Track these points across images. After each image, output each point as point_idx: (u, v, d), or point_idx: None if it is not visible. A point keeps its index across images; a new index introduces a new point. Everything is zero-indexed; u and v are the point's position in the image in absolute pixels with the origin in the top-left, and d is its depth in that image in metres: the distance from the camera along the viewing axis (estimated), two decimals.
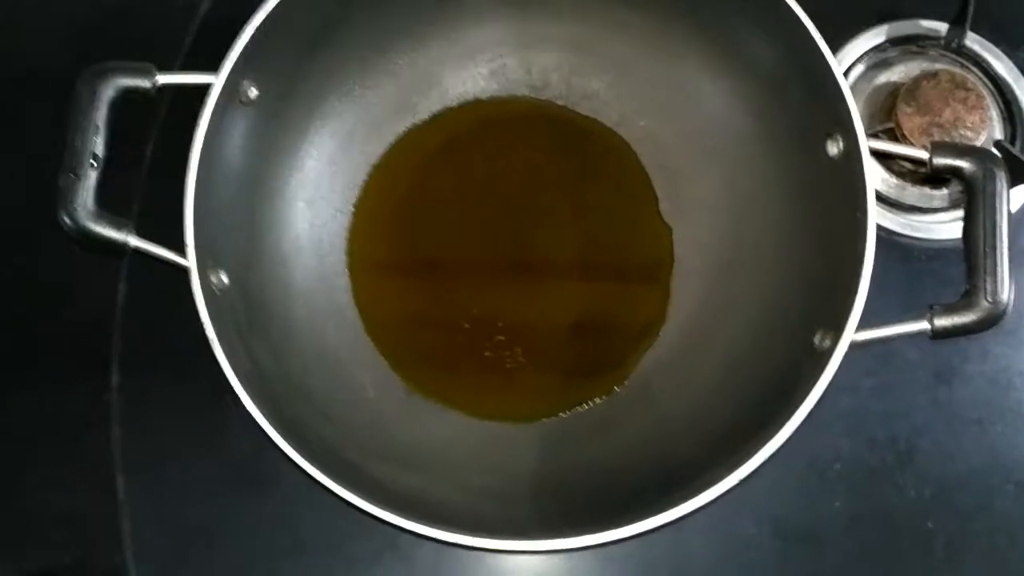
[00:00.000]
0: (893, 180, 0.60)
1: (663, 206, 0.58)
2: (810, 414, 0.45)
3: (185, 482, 0.57)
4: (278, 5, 0.48)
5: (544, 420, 0.55)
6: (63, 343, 0.60)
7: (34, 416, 0.59)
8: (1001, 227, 0.45)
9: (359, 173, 0.58)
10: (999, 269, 0.44)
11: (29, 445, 0.59)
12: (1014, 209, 0.59)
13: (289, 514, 0.56)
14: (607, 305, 0.57)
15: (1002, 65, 0.61)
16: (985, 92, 0.60)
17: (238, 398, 0.45)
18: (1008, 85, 0.61)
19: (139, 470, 0.57)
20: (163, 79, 0.48)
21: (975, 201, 0.45)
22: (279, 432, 0.44)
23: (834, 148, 0.48)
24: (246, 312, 0.50)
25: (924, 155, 0.47)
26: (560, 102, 0.59)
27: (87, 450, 0.58)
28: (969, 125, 0.58)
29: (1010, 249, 0.46)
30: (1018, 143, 0.60)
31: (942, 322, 0.45)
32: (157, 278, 0.50)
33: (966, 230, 0.46)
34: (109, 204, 0.47)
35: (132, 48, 0.62)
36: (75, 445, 0.58)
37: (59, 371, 0.59)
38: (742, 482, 0.44)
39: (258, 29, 0.48)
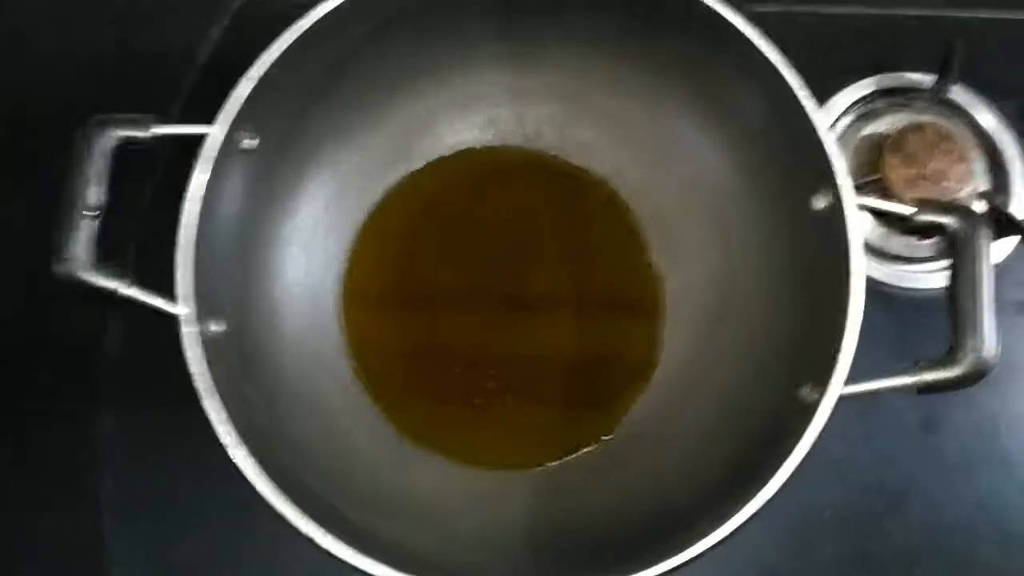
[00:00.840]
0: (879, 229, 0.60)
1: (655, 255, 0.59)
2: (800, 463, 0.45)
3: (173, 523, 0.57)
4: (276, 59, 0.49)
5: (536, 468, 0.55)
6: (51, 382, 0.60)
7: (22, 456, 0.59)
8: (984, 283, 0.45)
9: (354, 220, 0.59)
10: (984, 325, 0.45)
11: (16, 484, 0.59)
12: (999, 260, 0.59)
13: (277, 556, 0.56)
14: (598, 352, 0.58)
15: (988, 116, 0.62)
16: (971, 143, 0.61)
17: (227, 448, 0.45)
18: (992, 137, 0.62)
19: (127, 510, 0.57)
20: (160, 130, 0.48)
21: (959, 258, 0.46)
22: (271, 481, 0.44)
23: (821, 203, 0.49)
24: (239, 359, 0.50)
25: (909, 211, 0.48)
26: (553, 152, 0.60)
27: (74, 490, 0.58)
28: (954, 177, 0.59)
29: (996, 300, 0.46)
30: (1003, 194, 0.61)
31: (928, 377, 0.46)
32: (148, 318, 0.51)
33: (950, 287, 0.46)
34: (105, 249, 0.48)
35: (131, 95, 0.64)
36: (62, 485, 0.58)
37: (47, 411, 0.59)
38: (734, 531, 0.44)
39: (256, 81, 0.49)
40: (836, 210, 0.47)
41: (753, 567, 0.56)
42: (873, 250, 0.60)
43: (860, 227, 0.47)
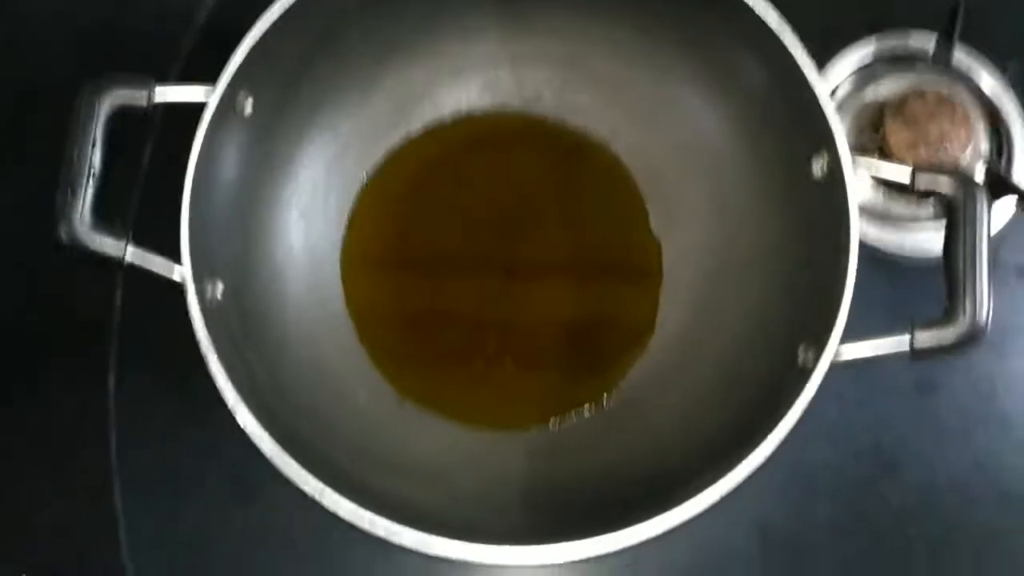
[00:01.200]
0: (878, 192, 0.61)
1: (652, 219, 0.59)
2: (796, 425, 0.45)
3: (182, 491, 0.58)
4: (275, 20, 0.49)
5: (535, 428, 0.56)
6: (59, 351, 0.61)
7: (30, 424, 0.60)
8: (981, 249, 0.45)
9: (353, 184, 0.59)
10: (979, 290, 0.45)
11: (25, 453, 0.59)
12: (998, 226, 0.59)
13: (285, 523, 0.57)
14: (597, 315, 0.58)
15: (989, 79, 0.62)
16: (972, 107, 0.61)
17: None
18: (995, 100, 0.61)
19: (136, 478, 0.58)
20: (161, 92, 0.49)
21: (955, 223, 0.46)
22: (280, 445, 0.45)
23: (819, 167, 0.49)
24: (241, 323, 0.51)
25: (906, 178, 0.48)
26: (552, 115, 0.60)
27: (83, 458, 0.59)
28: (955, 141, 0.59)
29: (992, 265, 0.46)
30: (1003, 157, 0.61)
31: (923, 341, 0.46)
32: (154, 286, 0.51)
33: (946, 251, 0.46)
34: (104, 215, 0.48)
35: (129, 58, 0.64)
36: (71, 453, 0.59)
37: (55, 379, 0.60)
38: (730, 492, 0.45)
39: (255, 43, 0.49)
40: (834, 174, 0.48)
41: (750, 529, 0.57)
42: (875, 214, 0.60)
43: (857, 191, 0.47)
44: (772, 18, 0.48)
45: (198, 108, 0.49)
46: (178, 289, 0.47)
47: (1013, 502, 0.58)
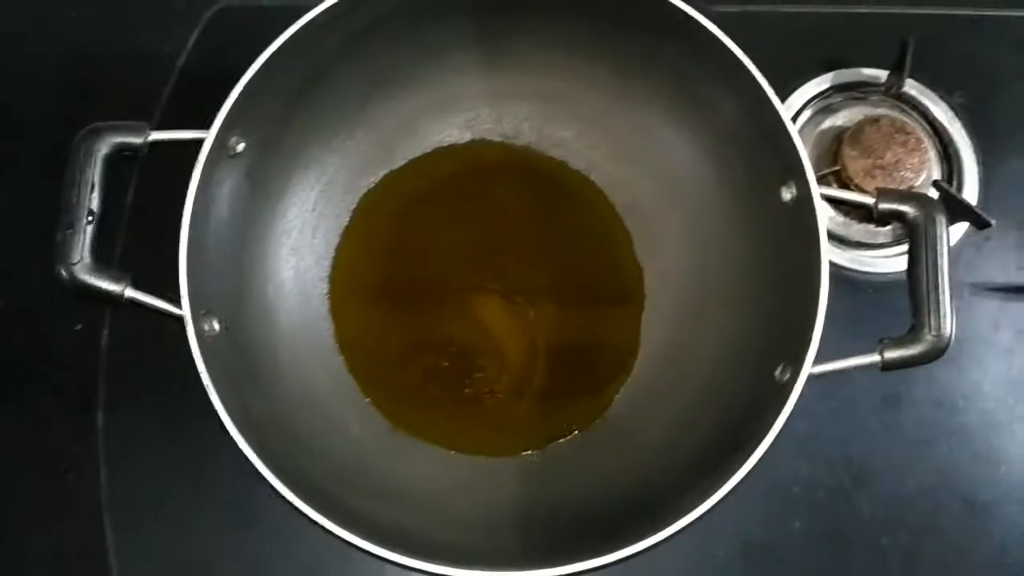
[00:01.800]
0: (840, 218, 0.64)
1: (633, 247, 0.61)
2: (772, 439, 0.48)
3: (172, 521, 0.59)
4: (264, 63, 0.51)
5: (524, 453, 0.57)
6: (47, 384, 0.61)
7: (20, 457, 0.60)
8: (942, 267, 0.48)
9: (340, 219, 0.61)
10: (942, 306, 0.48)
11: (15, 486, 0.60)
12: (951, 244, 0.62)
13: (276, 551, 0.58)
14: (583, 340, 0.60)
15: (939, 109, 0.66)
16: (924, 135, 0.64)
17: (229, 439, 0.47)
18: (944, 128, 0.65)
19: (126, 510, 0.59)
20: (156, 136, 0.50)
21: (917, 243, 0.49)
22: (274, 473, 0.46)
23: (788, 194, 0.51)
24: (236, 357, 0.52)
25: (870, 201, 0.50)
26: (532, 149, 0.62)
27: (74, 490, 0.59)
28: (909, 166, 0.62)
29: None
30: (955, 182, 0.64)
31: (891, 355, 0.49)
32: (141, 320, 0.52)
33: (910, 270, 0.49)
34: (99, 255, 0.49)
35: (111, 101, 0.65)
36: (61, 485, 0.59)
37: (44, 412, 0.61)
38: (713, 507, 0.46)
39: (246, 84, 0.50)
40: (803, 201, 0.50)
41: (729, 541, 0.59)
42: (834, 237, 0.63)
43: (823, 213, 0.49)
44: (741, 55, 0.51)
45: (181, 145, 0.50)
46: (165, 320, 0.48)
47: (976, 509, 0.60)
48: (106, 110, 0.54)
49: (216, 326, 0.50)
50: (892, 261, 0.63)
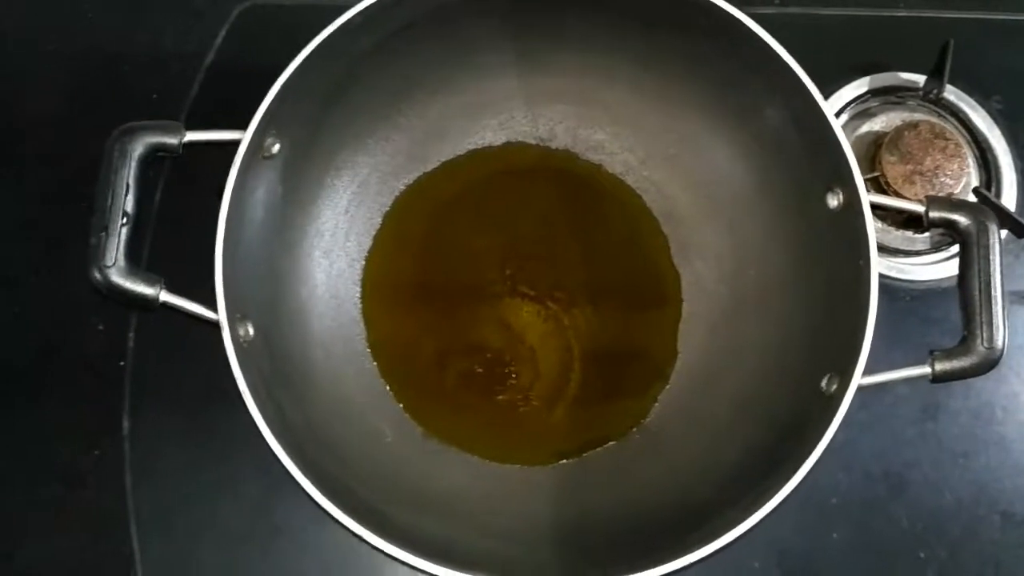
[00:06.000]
0: (878, 224, 0.63)
1: (669, 253, 0.60)
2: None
3: (197, 529, 0.58)
4: (300, 63, 0.50)
5: (559, 463, 0.56)
6: (73, 391, 0.60)
7: (45, 464, 0.59)
8: (995, 277, 0.47)
9: (373, 222, 0.60)
10: (994, 317, 0.47)
11: (41, 493, 0.59)
12: None
13: (301, 559, 0.57)
14: (618, 348, 0.59)
15: (977, 115, 0.65)
16: (962, 141, 0.63)
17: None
18: (983, 134, 0.64)
19: (151, 517, 0.58)
20: (191, 137, 0.49)
21: (969, 253, 0.48)
22: (313, 483, 0.45)
23: (834, 200, 0.51)
24: (269, 363, 0.51)
25: (920, 209, 0.49)
26: (567, 151, 0.61)
27: (99, 498, 0.58)
28: (949, 172, 0.61)
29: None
30: (993, 188, 0.64)
31: (942, 367, 0.48)
32: (167, 325, 0.51)
33: (961, 280, 0.48)
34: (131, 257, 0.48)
35: (136, 103, 0.64)
36: (87, 492, 0.59)
37: (69, 417, 0.60)
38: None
39: (282, 86, 0.49)
40: (850, 208, 0.49)
41: (766, 551, 0.58)
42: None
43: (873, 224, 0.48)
44: (787, 57, 0.50)
45: (210, 146, 0.49)
46: (192, 325, 0.48)
47: (1015, 522, 0.60)
48: (132, 112, 0.53)
49: (250, 331, 0.50)
50: (930, 268, 0.62)
